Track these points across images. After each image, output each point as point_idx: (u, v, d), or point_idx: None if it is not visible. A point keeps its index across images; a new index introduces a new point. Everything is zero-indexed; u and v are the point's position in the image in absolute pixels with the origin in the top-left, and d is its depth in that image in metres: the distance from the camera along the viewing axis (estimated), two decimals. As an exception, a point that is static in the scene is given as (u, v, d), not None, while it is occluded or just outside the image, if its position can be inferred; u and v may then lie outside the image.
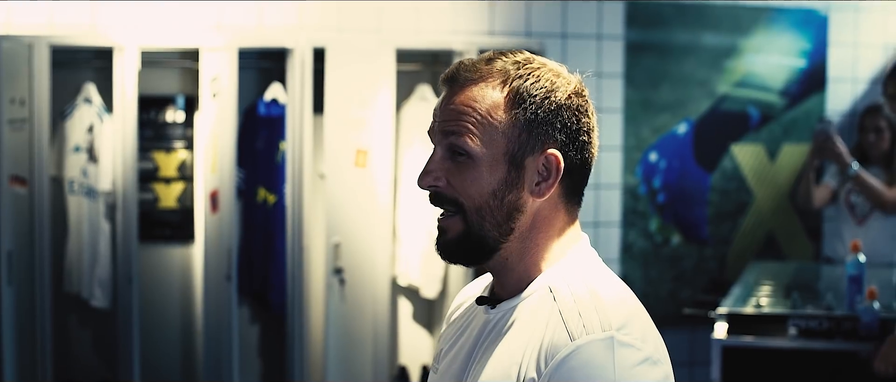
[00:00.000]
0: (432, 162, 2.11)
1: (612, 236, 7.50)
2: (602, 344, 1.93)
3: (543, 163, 2.07)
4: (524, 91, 2.06)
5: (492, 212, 2.07)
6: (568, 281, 2.06)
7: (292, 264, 6.60)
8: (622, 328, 1.96)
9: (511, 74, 2.08)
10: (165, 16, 6.56)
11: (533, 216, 2.10)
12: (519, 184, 2.07)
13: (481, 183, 2.06)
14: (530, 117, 2.06)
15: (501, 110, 2.06)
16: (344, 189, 6.63)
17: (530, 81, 2.07)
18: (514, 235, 2.09)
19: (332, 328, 6.68)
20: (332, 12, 6.81)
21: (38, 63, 6.20)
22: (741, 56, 7.62)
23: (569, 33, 7.28)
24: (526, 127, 2.06)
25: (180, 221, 7.07)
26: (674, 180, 7.58)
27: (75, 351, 7.01)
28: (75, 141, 6.62)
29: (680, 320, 7.23)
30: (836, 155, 6.86)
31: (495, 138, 2.06)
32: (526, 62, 2.11)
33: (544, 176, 2.08)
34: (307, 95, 6.52)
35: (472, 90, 2.08)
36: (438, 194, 2.11)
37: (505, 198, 2.07)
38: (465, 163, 2.07)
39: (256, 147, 6.93)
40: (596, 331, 1.94)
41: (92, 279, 6.66)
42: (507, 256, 2.11)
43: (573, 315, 1.98)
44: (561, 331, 1.97)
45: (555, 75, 2.10)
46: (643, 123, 7.47)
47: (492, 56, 2.12)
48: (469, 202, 2.07)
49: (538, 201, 2.09)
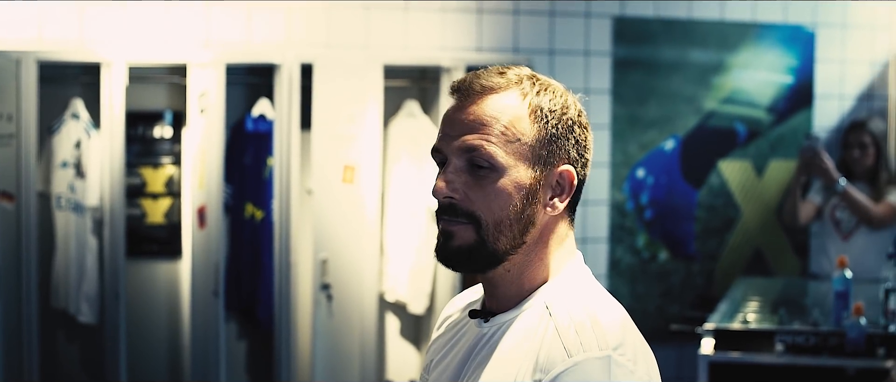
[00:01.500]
0: (448, 173, 2.08)
1: (599, 251, 7.50)
2: (599, 363, 1.93)
3: (558, 179, 2.08)
4: (544, 106, 2.07)
5: (510, 227, 2.06)
6: (564, 299, 2.06)
7: (280, 279, 6.60)
8: (618, 348, 1.96)
9: (527, 89, 2.08)
10: (153, 31, 6.56)
11: (541, 230, 2.10)
12: (537, 198, 2.07)
13: (504, 197, 2.05)
14: (550, 132, 2.07)
15: (525, 123, 2.06)
16: (331, 205, 6.63)
17: (548, 97, 2.09)
18: (522, 248, 2.09)
19: (319, 343, 6.67)
20: (320, 28, 6.81)
21: (25, 78, 6.18)
22: (728, 72, 7.63)
23: (556, 49, 7.30)
24: (547, 142, 2.07)
25: (168, 236, 7.06)
26: (661, 196, 7.59)
27: (62, 367, 6.99)
28: (63, 156, 6.61)
29: (667, 336, 7.22)
30: (824, 171, 6.88)
31: (520, 150, 2.05)
32: (534, 77, 2.12)
33: (558, 192, 2.09)
34: (295, 110, 6.52)
35: (492, 100, 2.07)
36: (453, 206, 2.08)
37: (524, 212, 2.06)
38: (487, 176, 2.05)
39: (244, 163, 6.92)
40: (593, 349, 1.94)
41: (79, 295, 6.64)
42: (510, 268, 2.10)
43: (570, 333, 1.97)
44: (557, 347, 1.97)
45: (563, 92, 2.13)
46: (630, 140, 7.48)
47: (502, 69, 2.12)
48: (488, 216, 2.05)
49: (548, 216, 2.09)
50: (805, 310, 6.07)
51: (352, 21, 6.87)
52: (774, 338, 5.47)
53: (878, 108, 8.00)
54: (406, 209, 6.92)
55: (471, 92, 2.09)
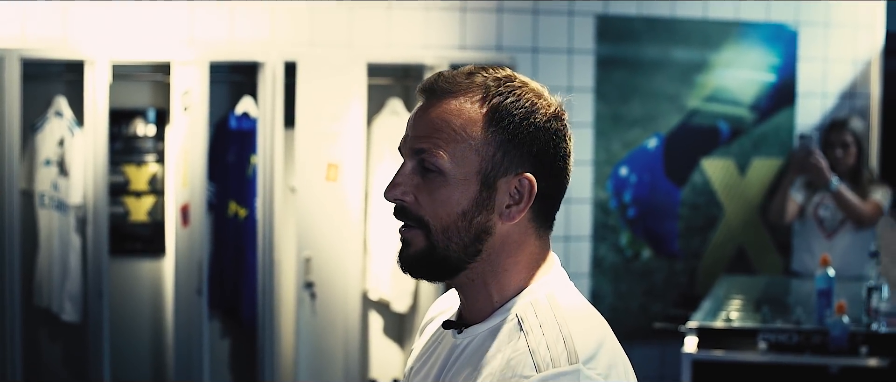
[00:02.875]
0: (401, 175, 2.05)
1: (582, 250, 7.51)
2: (568, 378, 1.88)
3: (516, 186, 2.01)
4: (504, 109, 2.00)
5: (459, 233, 2.01)
6: (536, 310, 2.01)
7: (263, 278, 6.59)
8: (589, 361, 1.91)
9: (491, 91, 2.02)
10: (137, 29, 6.55)
11: (502, 239, 2.04)
12: (489, 205, 2.01)
13: (450, 203, 2.00)
14: (507, 137, 2.00)
15: (478, 127, 2.00)
16: (315, 203, 6.63)
17: (510, 100, 2.01)
18: (481, 257, 2.03)
19: (302, 342, 6.67)
20: (304, 27, 6.81)
21: (8, 76, 6.17)
22: (711, 71, 7.65)
23: (540, 48, 7.30)
24: (501, 147, 2.00)
25: (151, 234, 7.05)
26: (644, 195, 7.60)
27: (46, 365, 6.97)
28: (46, 154, 6.59)
29: (650, 334, 7.25)
30: (818, 170, 6.92)
31: (468, 156, 2.00)
32: (507, 80, 2.04)
33: (516, 200, 2.02)
34: (278, 108, 6.52)
35: (450, 104, 2.02)
36: (404, 209, 2.05)
37: (474, 219, 2.01)
38: (434, 180, 2.01)
39: (227, 161, 6.92)
40: (562, 363, 1.89)
41: (62, 293, 6.62)
42: (473, 277, 2.06)
43: (540, 346, 1.93)
44: (526, 362, 1.92)
45: (536, 96, 2.04)
46: (614, 138, 7.49)
47: (472, 70, 2.06)
48: (435, 222, 2.01)
49: (508, 225, 2.03)
50: (788, 309, 6.08)
51: (335, 19, 6.86)
52: (757, 337, 5.49)
53: (860, 106, 8.02)
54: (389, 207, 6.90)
55: (433, 93, 2.05)
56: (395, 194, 2.05)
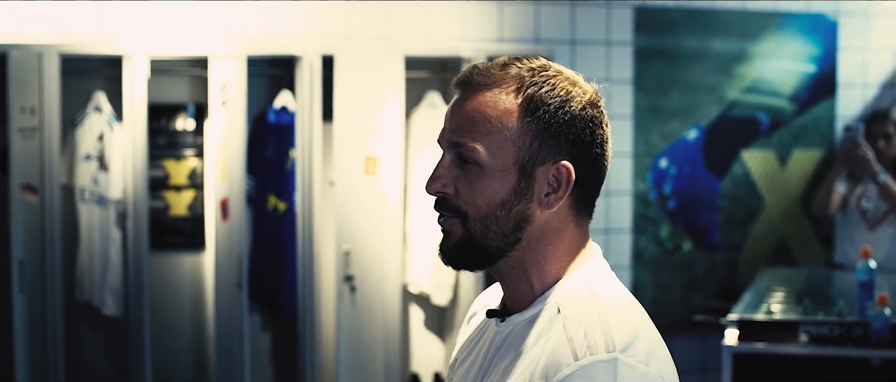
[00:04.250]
0: (440, 168, 2.06)
1: (622, 242, 7.49)
2: (605, 366, 1.88)
3: (554, 174, 2.02)
4: (538, 99, 2.01)
5: (498, 222, 2.02)
6: (575, 297, 2.01)
7: (303, 271, 6.60)
8: (627, 349, 1.91)
9: (526, 81, 2.02)
10: (175, 24, 6.57)
11: (542, 227, 2.05)
12: (528, 194, 2.02)
13: (489, 193, 2.01)
14: (543, 127, 2.01)
15: (514, 118, 2.01)
16: (353, 196, 6.63)
17: (545, 90, 2.02)
18: (521, 245, 2.04)
19: (343, 335, 6.68)
20: (341, 19, 6.81)
21: (47, 71, 6.20)
22: (751, 62, 7.61)
23: (578, 39, 7.28)
24: (538, 136, 2.01)
25: (191, 228, 7.07)
26: (684, 186, 7.57)
27: (87, 359, 7.01)
28: (86, 149, 6.63)
29: (691, 326, 7.21)
30: (865, 162, 6.86)
31: (505, 147, 2.01)
32: (542, 69, 2.05)
33: (554, 187, 2.02)
34: (316, 102, 6.52)
35: (485, 96, 2.03)
36: (444, 201, 2.07)
37: (513, 209, 2.02)
38: (473, 171, 2.02)
39: (266, 155, 6.93)
40: (600, 352, 1.90)
41: (103, 287, 6.66)
42: (513, 264, 2.07)
43: (578, 334, 1.93)
44: (565, 350, 1.93)
45: (571, 84, 2.06)
46: (653, 129, 7.47)
47: (507, 61, 2.07)
48: (474, 212, 2.03)
49: (547, 213, 2.04)
50: (830, 300, 6.04)
51: (372, 12, 6.86)
52: (798, 329, 5.45)
53: (902, 96, 7.97)
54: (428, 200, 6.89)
55: (468, 86, 2.07)
56: (436, 187, 2.06)
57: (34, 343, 6.31)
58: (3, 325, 6.35)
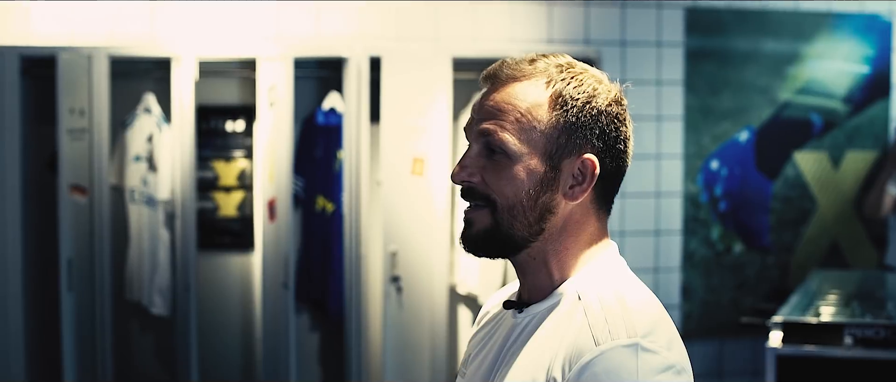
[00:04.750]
0: (468, 157, 2.11)
1: (673, 244, 7.46)
2: (626, 351, 1.92)
3: (579, 167, 2.07)
4: (567, 94, 2.06)
5: (524, 212, 2.07)
6: (596, 288, 2.05)
7: (350, 272, 6.62)
8: (648, 336, 1.95)
9: (554, 77, 2.08)
10: (223, 26, 6.61)
11: (564, 219, 2.10)
12: (554, 185, 2.07)
13: (517, 182, 2.06)
14: (571, 120, 2.06)
15: (543, 110, 2.06)
16: (401, 197, 6.64)
17: (573, 85, 2.07)
18: (543, 235, 2.09)
19: (389, 336, 6.69)
20: (390, 21, 6.83)
21: (97, 73, 6.27)
22: (803, 63, 7.55)
23: (628, 41, 7.26)
24: (565, 130, 2.06)
25: (240, 229, 7.12)
26: (735, 188, 7.53)
27: (136, 358, 7.08)
28: (136, 150, 6.69)
29: (742, 329, 7.16)
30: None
31: (534, 138, 2.06)
32: (569, 66, 2.11)
33: (579, 180, 2.07)
34: (364, 103, 6.54)
35: (514, 88, 2.08)
36: (472, 190, 2.11)
37: (539, 199, 2.06)
38: (501, 161, 2.06)
39: (315, 156, 6.97)
40: (621, 337, 1.93)
41: (151, 287, 6.72)
42: (534, 255, 2.11)
43: (599, 321, 1.97)
44: (586, 336, 1.96)
45: (597, 81, 2.11)
46: (704, 131, 7.43)
47: (534, 57, 2.12)
48: (502, 201, 2.07)
49: (571, 205, 2.09)
50: (880, 303, 5.99)
51: (421, 14, 6.88)
52: (844, 331, 5.40)
53: (959, 97, 7.89)
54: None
55: (497, 79, 2.12)
56: (462, 175, 2.11)
57: (82, 340, 6.38)
58: (51, 323, 6.42)
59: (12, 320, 6.24)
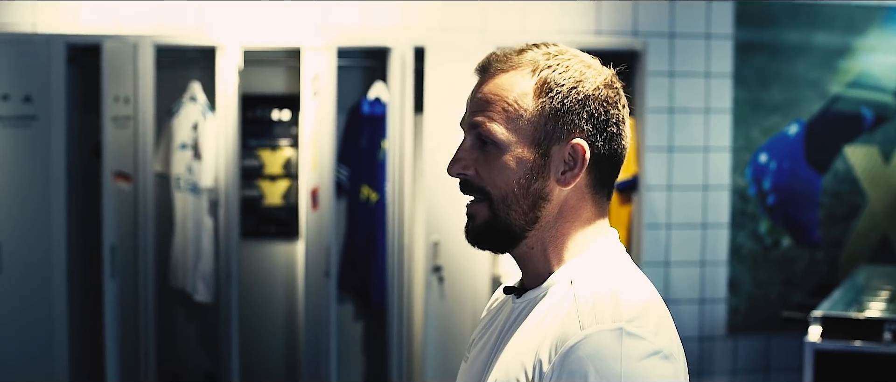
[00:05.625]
0: (461, 150, 2.13)
1: (720, 237, 7.42)
2: (611, 334, 1.92)
3: (569, 152, 2.08)
4: (552, 80, 2.07)
5: (517, 200, 2.08)
6: (588, 273, 2.06)
7: (393, 262, 6.64)
8: (634, 320, 1.94)
9: (540, 64, 2.09)
10: (268, 15, 6.65)
11: (559, 206, 2.11)
12: (545, 172, 2.08)
13: (507, 172, 2.07)
14: (557, 106, 2.07)
15: (529, 99, 2.07)
16: (443, 188, 6.64)
17: (558, 71, 2.08)
18: (539, 223, 2.10)
19: (431, 325, 6.69)
20: (437, 12, 6.84)
21: (142, 62, 6.32)
22: (855, 56, 7.48)
23: (677, 33, 7.22)
24: (552, 116, 2.07)
25: (285, 217, 7.16)
26: (784, 182, 7.48)
27: (179, 344, 7.13)
28: (181, 138, 6.74)
29: (788, 324, 7.12)
30: None
31: (521, 126, 2.07)
32: (557, 53, 2.12)
33: (570, 165, 2.08)
34: (408, 94, 6.55)
35: (502, 79, 2.10)
36: (467, 183, 2.13)
37: (530, 186, 2.08)
38: (492, 152, 2.08)
39: (360, 145, 6.99)
40: (606, 322, 1.93)
41: (195, 274, 6.77)
42: (533, 245, 2.12)
43: (587, 306, 1.97)
44: (573, 321, 1.97)
45: (585, 66, 2.11)
46: (753, 124, 7.38)
47: (524, 48, 2.14)
48: (495, 191, 2.09)
49: (564, 190, 2.10)
50: (927, 299, 5.94)
51: (469, 5, 6.88)
52: (884, 327, 5.36)
53: None
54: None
55: (487, 71, 2.14)
56: (456, 168, 2.14)
57: (125, 326, 6.44)
58: (95, 309, 6.48)
59: (56, 306, 6.30)
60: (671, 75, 7.22)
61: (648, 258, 7.12)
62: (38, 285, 6.29)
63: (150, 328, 6.45)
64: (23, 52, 6.23)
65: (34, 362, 6.32)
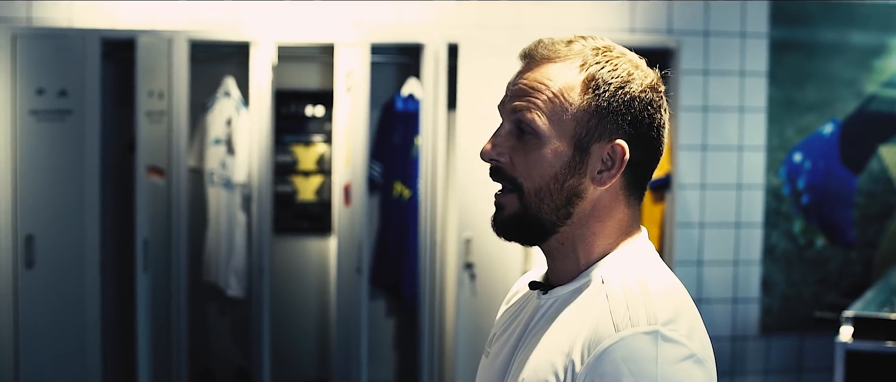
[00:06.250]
0: (498, 136, 2.09)
1: (754, 237, 7.39)
2: (646, 338, 1.90)
3: (609, 152, 2.04)
4: (600, 77, 2.03)
5: (551, 195, 2.05)
6: (620, 273, 2.03)
7: (425, 258, 6.64)
8: (669, 323, 1.92)
9: (589, 59, 2.05)
10: (302, 11, 6.65)
11: (593, 204, 2.07)
12: (581, 169, 2.04)
13: (544, 164, 2.04)
14: (603, 104, 2.03)
15: (575, 93, 2.03)
16: (476, 185, 6.63)
17: (607, 69, 2.04)
18: (571, 220, 2.07)
19: (462, 322, 6.69)
20: (470, 9, 6.84)
21: (176, 57, 6.33)
22: (890, 55, 7.44)
23: (711, 31, 7.19)
24: (596, 113, 2.03)
25: (318, 213, 7.17)
26: (819, 182, 7.44)
27: (212, 340, 7.15)
28: (215, 133, 6.75)
29: (822, 324, 7.08)
30: None
31: (564, 120, 2.03)
32: (606, 50, 2.08)
33: (608, 165, 2.05)
34: (441, 90, 6.54)
35: (548, 68, 2.06)
36: (499, 170, 2.09)
37: (566, 182, 2.04)
38: (530, 142, 2.04)
39: (393, 142, 6.99)
40: (641, 324, 1.91)
41: (228, 269, 6.79)
42: (563, 240, 2.09)
43: (621, 307, 1.95)
44: (607, 322, 1.94)
45: (633, 67, 2.07)
46: (787, 123, 7.35)
47: (573, 39, 2.10)
48: (529, 184, 2.05)
49: (599, 190, 2.06)
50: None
51: (502, 2, 6.87)
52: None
53: None
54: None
55: (532, 59, 2.10)
56: (492, 154, 2.09)
57: (157, 321, 6.47)
58: (128, 302, 6.51)
59: (89, 300, 6.33)
60: (705, 74, 7.19)
61: (681, 257, 7.10)
62: (71, 279, 6.32)
63: (182, 322, 6.47)
64: (58, 46, 6.25)
65: (67, 355, 6.35)
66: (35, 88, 6.22)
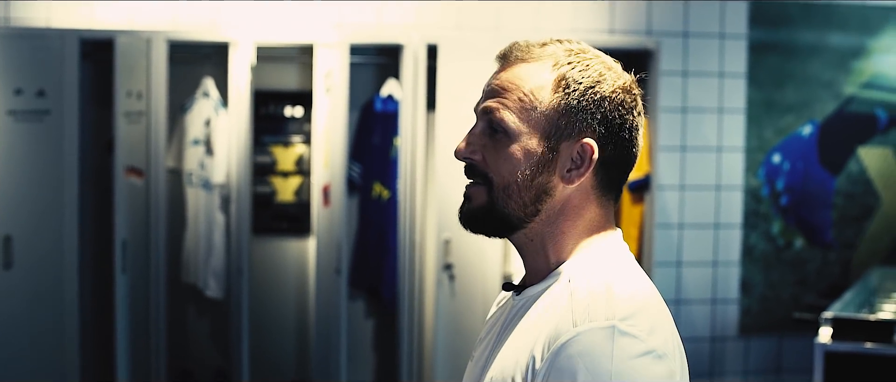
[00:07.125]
0: (471, 135, 2.13)
1: (733, 238, 7.40)
2: (602, 332, 1.90)
3: (578, 151, 2.07)
4: (571, 77, 2.06)
5: (519, 191, 2.07)
6: (587, 272, 2.04)
7: (404, 259, 6.63)
8: (627, 319, 1.93)
9: (561, 60, 2.08)
10: (281, 11, 6.65)
11: (563, 202, 2.10)
12: (551, 167, 2.07)
13: (513, 161, 2.07)
14: (572, 103, 2.06)
15: (546, 92, 2.06)
16: (455, 186, 6.61)
17: (578, 69, 2.07)
18: (540, 217, 2.09)
19: (441, 323, 6.69)
20: (450, 10, 6.84)
21: (155, 57, 6.32)
22: (869, 57, 7.46)
23: (690, 32, 7.21)
24: (566, 112, 2.06)
25: (298, 214, 7.16)
26: (797, 183, 7.46)
27: (191, 340, 7.14)
28: (194, 134, 6.74)
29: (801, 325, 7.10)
30: None
31: (534, 118, 2.06)
32: (579, 51, 2.11)
33: (577, 164, 2.07)
34: (420, 91, 6.54)
35: (521, 69, 2.10)
36: (472, 168, 2.12)
37: (535, 179, 2.07)
38: (501, 140, 2.08)
39: (373, 142, 6.98)
40: (599, 320, 1.92)
41: (206, 270, 6.78)
42: (532, 237, 2.12)
43: (582, 304, 1.96)
44: (567, 318, 1.95)
45: (606, 68, 2.10)
46: (766, 124, 7.36)
47: (547, 41, 2.14)
48: (498, 179, 2.08)
49: (569, 188, 2.09)
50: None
51: (483, 4, 6.87)
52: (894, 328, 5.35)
53: None
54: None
55: (507, 60, 2.14)
56: (465, 152, 2.14)
57: (136, 321, 6.45)
58: (106, 304, 6.49)
59: (67, 300, 6.31)
60: (685, 75, 7.20)
61: (660, 258, 7.11)
62: (49, 279, 6.31)
63: (160, 323, 6.46)
64: (36, 46, 6.24)
65: (45, 356, 6.33)
66: (13, 89, 6.20)
